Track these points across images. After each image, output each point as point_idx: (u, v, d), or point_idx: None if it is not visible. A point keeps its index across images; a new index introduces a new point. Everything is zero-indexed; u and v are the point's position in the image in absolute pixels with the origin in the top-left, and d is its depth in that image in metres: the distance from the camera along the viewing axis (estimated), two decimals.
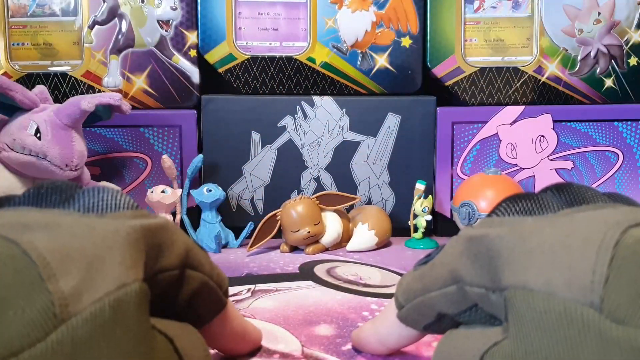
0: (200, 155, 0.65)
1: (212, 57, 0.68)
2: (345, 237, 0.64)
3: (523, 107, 0.69)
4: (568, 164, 0.70)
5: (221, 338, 0.34)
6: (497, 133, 0.69)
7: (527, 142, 0.70)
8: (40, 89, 0.62)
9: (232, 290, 0.50)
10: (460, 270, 0.28)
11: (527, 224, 0.25)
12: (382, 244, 0.65)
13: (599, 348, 0.20)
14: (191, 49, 0.67)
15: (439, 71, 0.70)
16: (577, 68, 0.70)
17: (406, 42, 0.69)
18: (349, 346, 0.39)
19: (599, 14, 0.70)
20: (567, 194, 0.28)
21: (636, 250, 0.21)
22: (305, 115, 0.68)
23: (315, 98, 0.68)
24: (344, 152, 0.69)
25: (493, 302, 0.26)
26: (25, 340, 0.20)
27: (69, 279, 0.21)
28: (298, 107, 0.68)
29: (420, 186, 0.65)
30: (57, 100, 0.65)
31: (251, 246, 0.62)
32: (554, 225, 0.24)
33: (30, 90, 0.60)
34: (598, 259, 0.21)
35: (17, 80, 0.65)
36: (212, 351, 0.35)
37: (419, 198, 0.65)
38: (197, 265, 0.29)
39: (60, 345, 0.20)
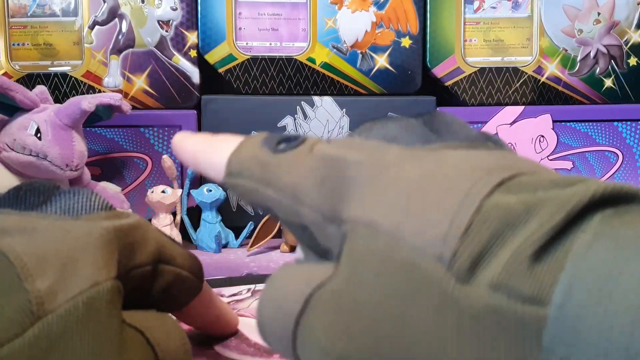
0: None
1: (212, 57, 0.68)
2: None
3: (523, 107, 0.69)
4: (568, 164, 0.70)
5: (198, 318, 0.36)
6: (496, 133, 0.69)
7: (526, 142, 0.70)
8: (41, 89, 0.62)
9: (232, 290, 0.50)
10: (302, 188, 0.23)
11: (390, 154, 0.22)
12: None
13: (435, 307, 0.18)
14: (191, 49, 0.67)
15: (439, 71, 0.70)
16: (576, 68, 0.70)
17: (406, 42, 0.69)
18: None
19: (599, 14, 0.70)
20: (438, 124, 0.24)
21: (505, 208, 0.18)
22: (305, 116, 0.68)
23: (315, 98, 0.68)
24: None
25: (328, 233, 0.22)
26: (4, 335, 0.22)
27: (45, 279, 0.23)
28: (298, 107, 0.68)
29: None
30: (57, 100, 0.65)
31: (251, 246, 0.62)
32: (418, 161, 0.21)
33: (31, 90, 0.60)
34: (460, 210, 0.18)
35: (18, 81, 0.65)
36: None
37: None
38: (169, 259, 0.31)
39: (37, 340, 0.22)
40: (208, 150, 0.28)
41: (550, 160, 0.70)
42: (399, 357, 0.19)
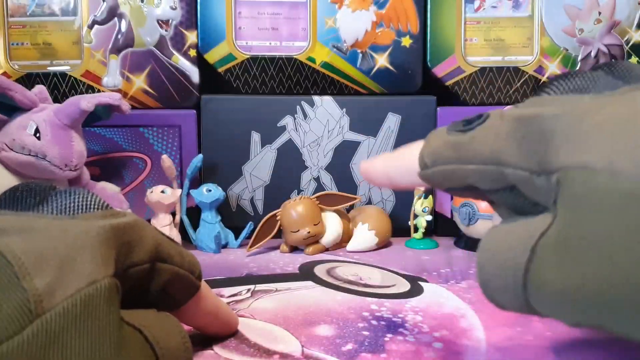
0: (200, 155, 0.65)
1: (212, 56, 0.68)
2: (345, 237, 0.64)
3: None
4: None
5: (196, 317, 0.36)
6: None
7: None
8: (40, 88, 0.61)
9: (231, 290, 0.50)
10: (503, 152, 0.25)
11: (584, 103, 0.24)
12: (383, 244, 0.65)
13: None
14: (191, 49, 0.67)
15: (439, 71, 0.70)
16: (577, 68, 0.70)
17: (406, 41, 0.69)
18: (349, 346, 0.39)
19: (600, 13, 0.70)
20: (620, 71, 0.26)
21: None
22: (305, 115, 0.68)
23: (315, 98, 0.68)
24: (344, 152, 0.68)
25: (537, 186, 0.24)
26: (3, 333, 0.22)
27: (43, 278, 0.24)
28: (298, 107, 0.68)
29: (420, 186, 0.65)
30: (56, 100, 0.65)
31: (251, 246, 0.62)
32: (615, 104, 0.23)
33: (30, 90, 0.60)
34: None
35: (17, 80, 0.65)
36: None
37: (419, 198, 0.65)
38: (166, 258, 0.31)
39: (35, 337, 0.23)
40: (397, 160, 0.33)
41: None
42: (631, 284, 0.20)
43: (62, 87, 0.66)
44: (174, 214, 0.65)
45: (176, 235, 0.63)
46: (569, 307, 0.22)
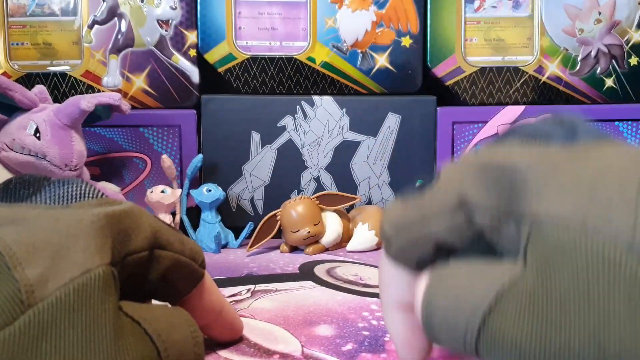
0: (200, 155, 0.65)
1: (212, 56, 0.68)
2: (345, 237, 0.64)
3: (523, 107, 0.69)
4: None
5: (200, 310, 0.34)
6: (497, 133, 0.69)
7: None
8: (40, 88, 0.61)
9: (231, 290, 0.50)
10: (471, 195, 0.25)
11: (555, 154, 0.23)
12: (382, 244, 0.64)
13: (632, 294, 0.19)
14: (191, 49, 0.67)
15: (439, 71, 0.70)
16: (577, 68, 0.70)
17: (406, 41, 0.69)
18: (349, 346, 0.39)
19: (600, 13, 0.70)
20: (568, 124, 0.26)
21: None
22: (305, 115, 0.68)
23: (315, 98, 0.68)
24: (344, 152, 0.68)
25: (505, 233, 0.24)
26: None
27: (34, 268, 0.23)
28: (298, 107, 0.68)
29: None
30: (56, 100, 0.65)
31: (251, 246, 0.62)
32: (583, 158, 0.23)
33: (30, 90, 0.60)
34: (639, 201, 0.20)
35: (17, 80, 0.65)
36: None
37: None
38: (165, 244, 0.30)
39: (27, 328, 0.22)
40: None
41: None
42: (596, 349, 0.20)
43: (62, 87, 0.66)
44: (174, 214, 0.65)
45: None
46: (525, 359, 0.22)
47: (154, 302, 0.33)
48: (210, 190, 0.63)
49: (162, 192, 0.63)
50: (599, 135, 0.25)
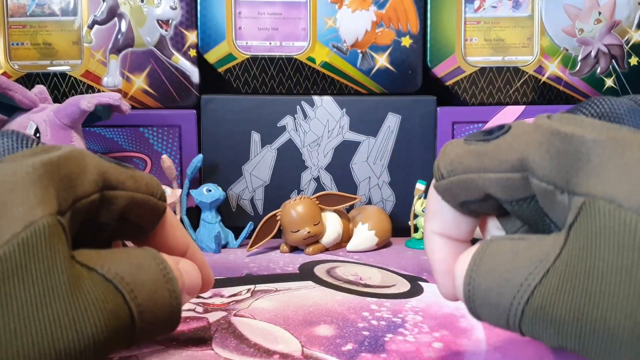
0: (200, 155, 0.65)
1: (212, 56, 0.68)
2: (345, 237, 0.64)
3: (523, 107, 0.69)
4: None
5: (165, 248, 0.33)
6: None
7: None
8: (40, 88, 0.61)
9: (231, 290, 0.50)
10: (532, 160, 0.25)
11: (624, 135, 0.23)
12: (383, 244, 0.65)
13: None
14: (191, 49, 0.67)
15: (439, 71, 0.70)
16: (577, 68, 0.70)
17: (406, 41, 0.69)
18: (349, 346, 0.39)
19: (600, 13, 0.70)
20: None
21: None
22: (305, 115, 0.68)
23: (315, 98, 0.68)
24: (344, 152, 0.68)
25: (557, 202, 0.24)
26: None
27: None
28: (298, 107, 0.68)
29: (420, 186, 0.65)
30: (56, 100, 0.65)
31: (251, 246, 0.62)
32: None
33: (30, 90, 0.60)
34: None
35: (17, 80, 0.65)
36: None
37: (420, 198, 0.65)
38: (117, 184, 0.29)
39: None
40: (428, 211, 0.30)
41: None
42: (631, 327, 0.20)
43: (62, 87, 0.66)
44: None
45: None
46: (562, 333, 0.22)
47: (129, 244, 0.32)
48: (210, 190, 0.63)
49: None
50: None
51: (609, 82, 0.70)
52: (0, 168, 0.25)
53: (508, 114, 0.69)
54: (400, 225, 0.67)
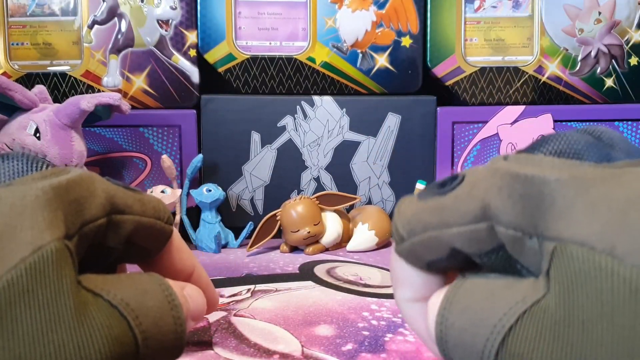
0: (200, 155, 0.65)
1: (212, 56, 0.68)
2: (345, 237, 0.64)
3: (523, 107, 0.69)
4: None
5: (171, 272, 0.32)
6: (497, 133, 0.69)
7: (527, 141, 0.69)
8: (40, 88, 0.61)
9: (232, 290, 0.50)
10: (495, 207, 0.24)
11: (586, 171, 0.23)
12: (382, 244, 0.65)
13: None
14: (191, 49, 0.67)
15: (439, 71, 0.70)
16: (577, 68, 0.70)
17: (406, 41, 0.69)
18: (349, 346, 0.39)
19: (600, 13, 0.70)
20: (605, 140, 0.25)
21: None
22: (305, 115, 0.68)
23: (315, 98, 0.68)
24: (344, 152, 0.68)
25: (527, 248, 0.23)
26: None
27: None
28: (298, 107, 0.68)
29: (420, 186, 0.65)
30: (56, 100, 0.65)
31: (251, 246, 0.62)
32: (617, 180, 0.22)
33: (30, 90, 0.60)
34: None
35: (17, 80, 0.65)
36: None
37: None
38: (124, 208, 0.28)
39: None
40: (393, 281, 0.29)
41: None
42: None
43: (62, 87, 0.66)
44: (174, 214, 0.65)
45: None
46: None
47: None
48: (210, 190, 0.63)
49: (162, 192, 0.63)
50: (637, 154, 0.24)
51: (609, 82, 0.70)
52: (11, 191, 0.25)
53: (508, 114, 0.69)
54: None
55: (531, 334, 0.22)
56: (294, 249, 0.63)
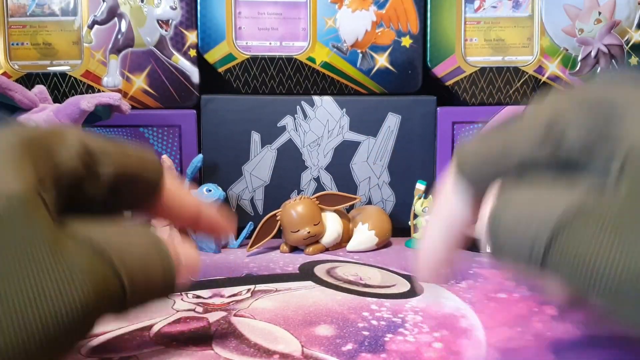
0: (200, 155, 0.65)
1: (212, 56, 0.68)
2: (345, 237, 0.64)
3: (524, 107, 0.69)
4: None
5: (173, 216, 0.33)
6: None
7: None
8: (40, 88, 0.61)
9: (231, 290, 0.50)
10: (565, 116, 0.25)
11: None
12: (383, 244, 0.65)
13: None
14: (191, 49, 0.67)
15: (439, 71, 0.70)
16: (577, 68, 0.70)
17: (406, 41, 0.69)
18: (349, 346, 0.39)
19: (600, 13, 0.70)
20: None
21: None
22: (305, 115, 0.68)
23: (315, 98, 0.68)
24: (344, 152, 0.68)
25: (595, 150, 0.24)
26: None
27: None
28: (298, 107, 0.68)
29: (420, 186, 0.65)
30: (56, 100, 0.65)
31: (251, 246, 0.62)
32: None
33: (30, 90, 0.60)
34: None
35: (17, 80, 0.65)
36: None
37: (420, 198, 0.65)
38: (102, 157, 0.28)
39: None
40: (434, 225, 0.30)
41: None
42: None
43: (62, 87, 0.66)
44: None
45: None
46: (593, 277, 0.22)
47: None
48: (210, 190, 0.63)
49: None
50: None
51: None
52: None
53: (508, 114, 0.69)
54: (400, 225, 0.67)
55: (591, 229, 0.22)
56: (294, 249, 0.63)
